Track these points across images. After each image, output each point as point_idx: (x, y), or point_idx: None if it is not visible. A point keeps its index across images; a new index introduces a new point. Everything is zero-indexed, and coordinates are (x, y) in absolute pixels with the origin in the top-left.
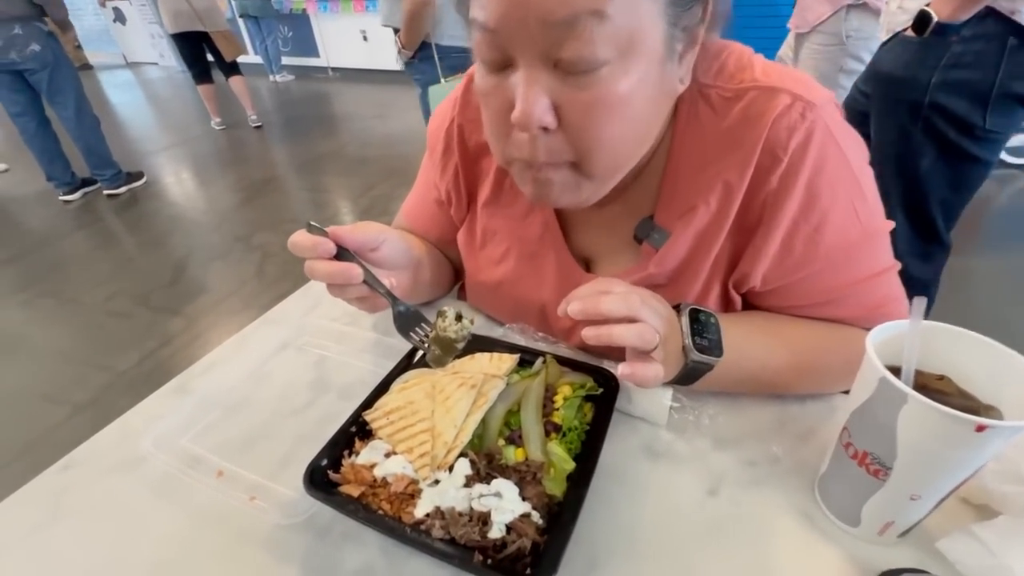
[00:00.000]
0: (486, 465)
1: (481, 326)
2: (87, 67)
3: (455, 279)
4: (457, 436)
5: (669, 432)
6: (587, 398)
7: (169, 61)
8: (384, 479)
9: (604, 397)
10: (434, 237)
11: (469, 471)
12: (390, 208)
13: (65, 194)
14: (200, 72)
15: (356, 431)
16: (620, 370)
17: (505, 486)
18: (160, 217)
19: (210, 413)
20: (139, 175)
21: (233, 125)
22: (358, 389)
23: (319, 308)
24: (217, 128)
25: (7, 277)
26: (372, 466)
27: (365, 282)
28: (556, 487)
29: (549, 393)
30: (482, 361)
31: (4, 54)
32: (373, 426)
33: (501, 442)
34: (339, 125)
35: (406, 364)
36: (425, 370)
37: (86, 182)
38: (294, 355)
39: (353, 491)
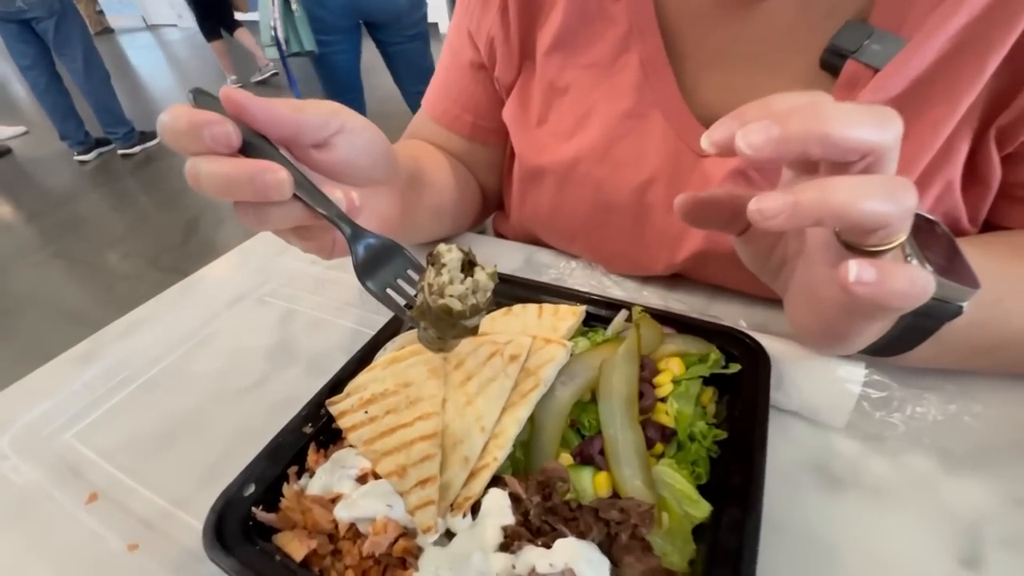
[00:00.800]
0: (540, 506)
1: (518, 267)
2: (108, 31)
3: (484, 210)
4: (487, 448)
5: (853, 440)
6: (708, 381)
7: (188, 22)
8: (353, 526)
9: (741, 379)
10: (466, 127)
11: (510, 518)
12: None
13: (79, 154)
14: (211, 29)
15: (314, 433)
16: (854, 274)
17: (581, 552)
18: (173, 176)
19: (116, 395)
20: (153, 134)
21: (249, 82)
22: (336, 359)
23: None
24: (233, 86)
25: (23, 238)
26: (334, 500)
27: (298, 198)
28: (677, 552)
29: (646, 373)
30: (526, 317)
31: (10, 2)
32: (341, 424)
33: (566, 459)
34: None
35: (399, 322)
36: None
37: (100, 142)
38: (251, 310)
39: (295, 547)
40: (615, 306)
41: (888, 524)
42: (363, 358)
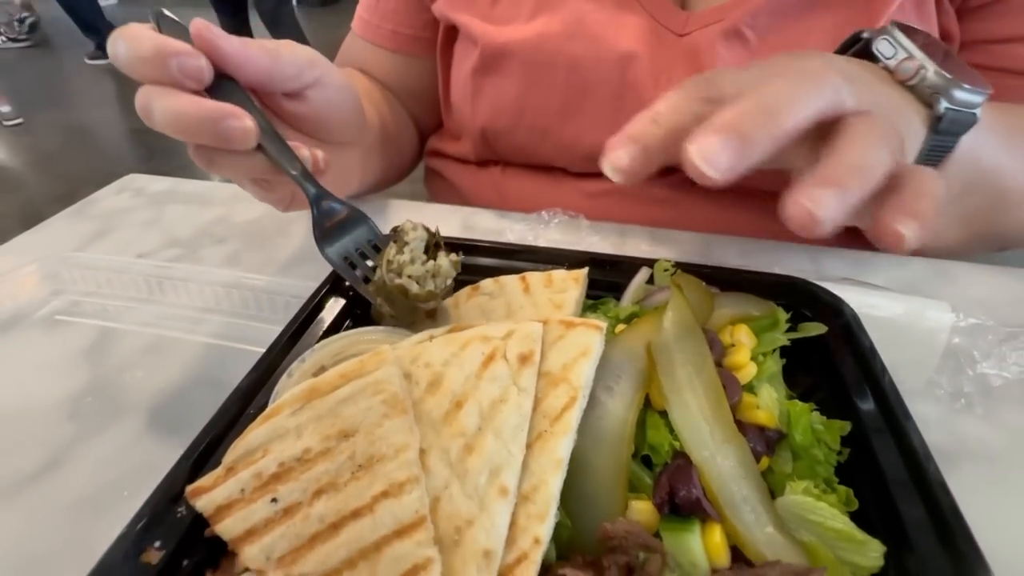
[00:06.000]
0: None
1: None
2: None
3: (417, 154)
4: (516, 524)
5: (940, 404)
6: (786, 351)
7: None
8: None
9: (828, 343)
10: (387, 37)
11: None
12: None
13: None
14: None
15: (167, 561)
16: (804, 202)
17: None
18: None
19: None
20: None
21: None
22: (198, 403)
23: (115, 233)
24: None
25: None
26: None
27: (262, 149)
28: None
29: (712, 353)
30: (508, 295)
31: None
32: (222, 532)
33: (643, 510)
34: None
35: (311, 320)
36: (374, 330)
37: None
38: (33, 341)
39: None
40: (622, 265)
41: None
42: (250, 392)
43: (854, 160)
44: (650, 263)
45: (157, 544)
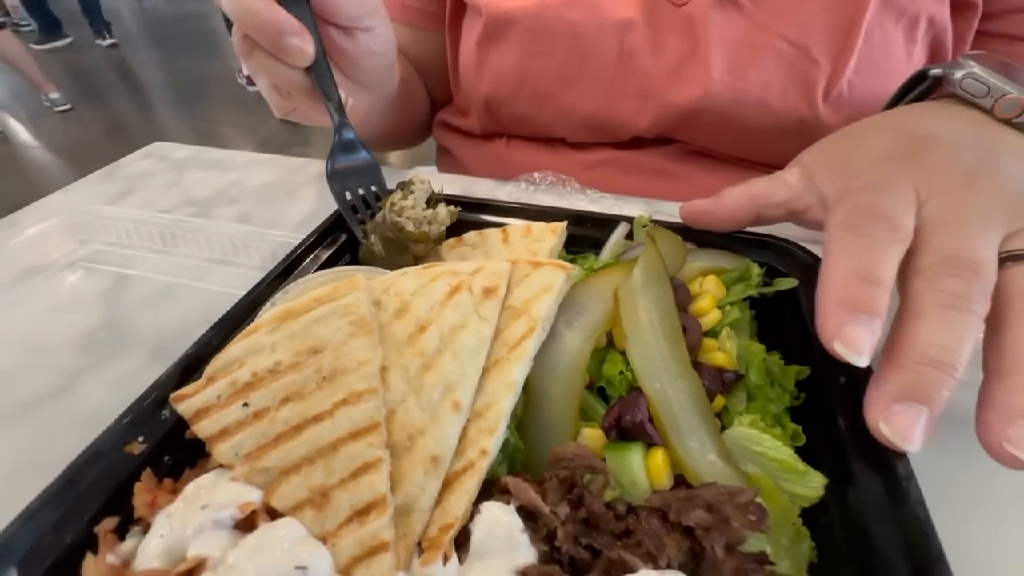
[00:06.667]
0: (572, 520)
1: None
2: None
3: (427, 123)
4: (466, 437)
5: None
6: (755, 302)
7: None
8: None
9: (799, 297)
10: (397, 10)
11: (527, 550)
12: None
13: None
14: None
15: (148, 453)
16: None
17: None
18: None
19: None
20: None
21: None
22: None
23: (138, 193)
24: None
25: None
26: (190, 573)
27: (309, 71)
28: (785, 553)
29: (678, 299)
30: (488, 245)
31: None
32: (199, 431)
33: (592, 436)
34: (225, 46)
35: (295, 265)
36: (355, 269)
37: None
38: (57, 283)
39: None
40: (603, 222)
41: None
42: (233, 323)
43: None
44: (629, 219)
45: (140, 438)
